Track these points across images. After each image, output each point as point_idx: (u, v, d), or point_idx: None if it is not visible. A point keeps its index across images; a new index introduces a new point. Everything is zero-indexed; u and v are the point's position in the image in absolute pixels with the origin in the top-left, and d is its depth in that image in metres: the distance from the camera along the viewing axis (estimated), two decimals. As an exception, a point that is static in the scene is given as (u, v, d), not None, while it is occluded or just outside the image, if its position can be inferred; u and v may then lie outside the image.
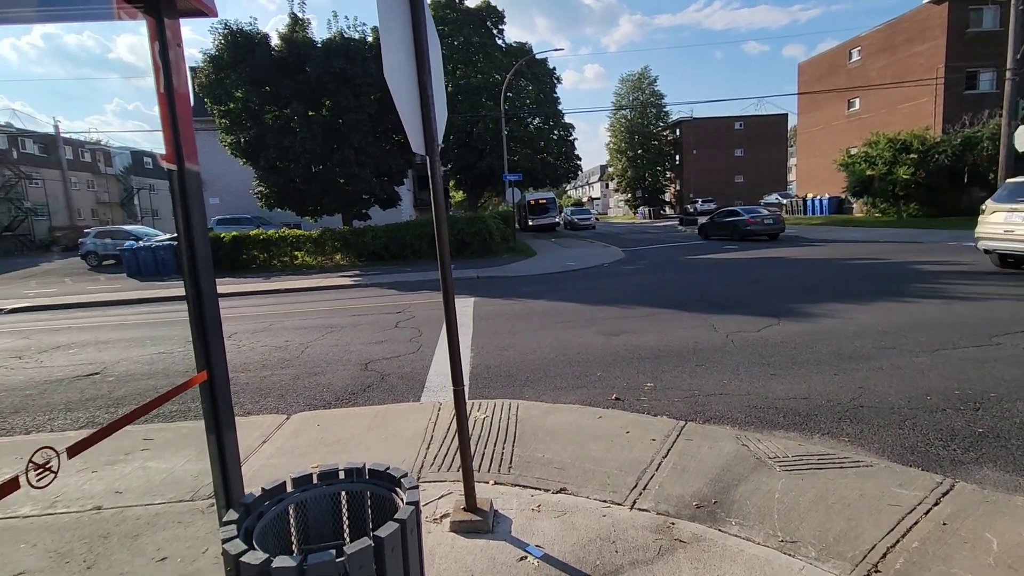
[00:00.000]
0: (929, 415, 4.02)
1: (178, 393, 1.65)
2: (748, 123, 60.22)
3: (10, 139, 40.39)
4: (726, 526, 2.73)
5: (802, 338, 6.29)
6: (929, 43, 29.58)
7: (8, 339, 9.10)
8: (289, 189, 19.11)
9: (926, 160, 25.56)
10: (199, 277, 1.71)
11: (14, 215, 38.20)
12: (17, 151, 40.44)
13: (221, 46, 17.76)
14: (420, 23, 2.51)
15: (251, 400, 5.24)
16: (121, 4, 1.74)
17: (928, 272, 10.77)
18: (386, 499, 1.91)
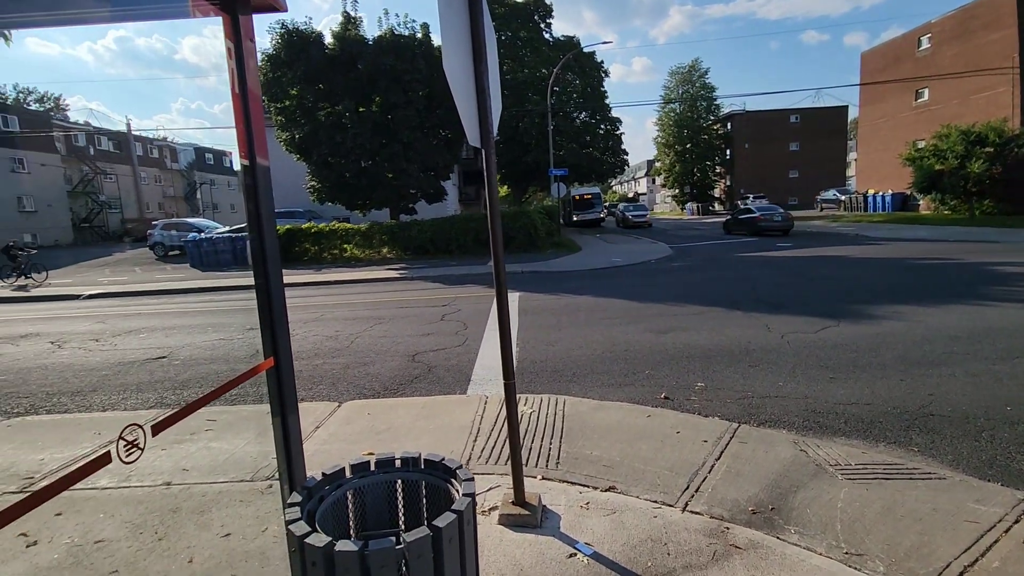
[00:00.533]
0: (1009, 427, 3.74)
1: (249, 377, 1.72)
2: (804, 116, 57.55)
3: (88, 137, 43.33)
4: (785, 534, 2.63)
5: (864, 341, 5.98)
6: (1007, 29, 27.40)
7: (86, 323, 9.77)
8: (340, 183, 19.65)
9: (1003, 153, 23.77)
10: (268, 268, 1.77)
11: (91, 208, 41.02)
12: (94, 148, 43.33)
13: (278, 45, 18.40)
14: (478, 19, 2.51)
15: (304, 387, 5.43)
16: (197, 2, 1.81)
17: (1006, 274, 10.03)
18: (441, 489, 1.94)
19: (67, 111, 48.22)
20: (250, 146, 1.75)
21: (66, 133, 41.28)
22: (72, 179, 40.47)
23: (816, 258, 14.29)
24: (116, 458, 1.18)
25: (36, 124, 38.23)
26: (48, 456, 3.85)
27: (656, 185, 78.91)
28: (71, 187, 39.87)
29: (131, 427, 1.23)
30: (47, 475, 3.56)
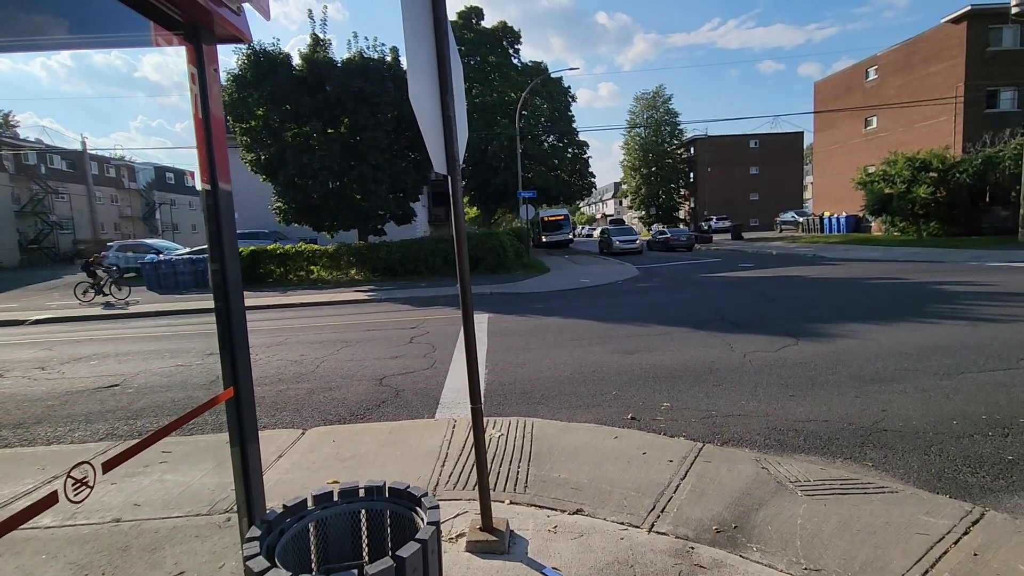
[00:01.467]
0: (956, 441, 3.92)
1: (208, 408, 1.68)
2: (763, 141, 60.03)
3: (39, 155, 41.68)
4: (747, 552, 2.67)
5: (821, 359, 6.19)
6: (948, 62, 29.41)
7: (31, 350, 9.28)
8: (307, 205, 19.41)
9: (946, 179, 25.28)
10: (228, 293, 1.74)
11: (40, 228, 39.24)
12: (45, 166, 41.67)
13: (244, 66, 18.24)
14: (444, 50, 2.57)
15: (267, 414, 5.27)
16: (160, 31, 1.81)
17: (951, 292, 10.58)
18: (406, 518, 1.91)
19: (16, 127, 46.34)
20: (212, 170, 1.73)
21: (15, 151, 39.66)
22: (20, 199, 38.75)
23: (776, 278, 14.78)
24: (64, 498, 1.14)
25: (-17, 142, 36.59)
26: (-14, 493, 3.62)
27: (623, 207, 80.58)
28: (19, 207, 38.15)
29: (81, 465, 1.18)
30: (-15, 514, 3.35)
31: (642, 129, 59.91)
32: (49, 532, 3.05)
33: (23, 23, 1.90)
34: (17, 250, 37.04)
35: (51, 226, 39.78)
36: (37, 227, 39.03)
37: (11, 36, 1.85)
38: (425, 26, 2.56)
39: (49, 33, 1.95)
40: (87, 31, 2.01)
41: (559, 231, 38.14)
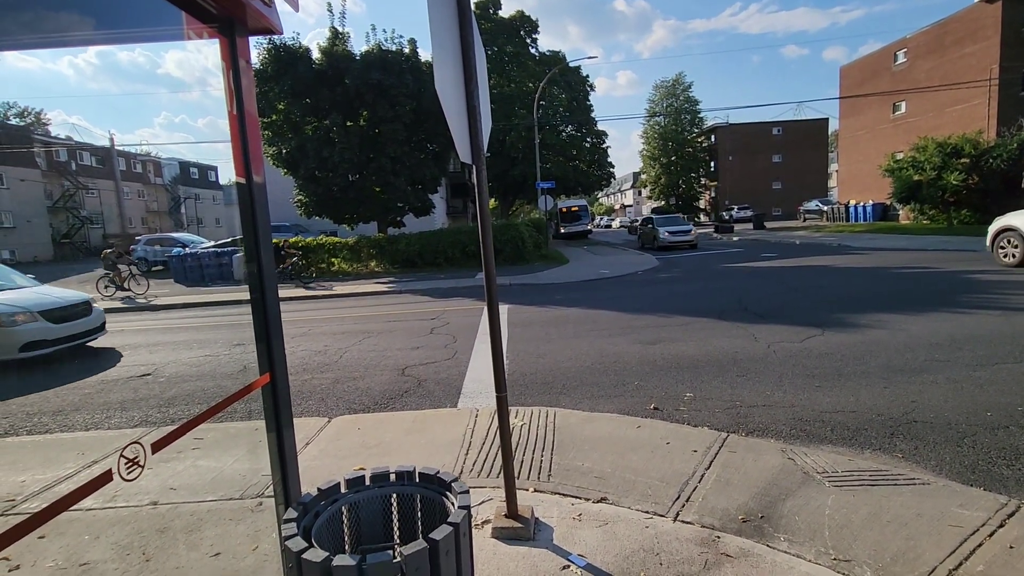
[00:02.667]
0: (990, 432, 3.83)
1: (246, 394, 1.73)
2: (787, 128, 58.78)
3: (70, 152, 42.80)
4: (775, 542, 2.66)
5: (848, 349, 6.08)
6: (981, 43, 28.34)
7: (67, 340, 9.57)
8: (327, 198, 19.64)
9: (979, 165, 24.44)
10: (264, 283, 1.79)
11: (71, 224, 40.39)
12: (75, 163, 42.79)
13: (265, 60, 18.44)
14: (469, 39, 2.57)
15: (293, 402, 5.37)
16: (192, 24, 1.84)
17: (984, 282, 10.27)
18: (436, 503, 1.95)
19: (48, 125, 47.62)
20: (247, 164, 1.77)
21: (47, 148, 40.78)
22: (53, 194, 39.84)
23: (800, 268, 14.52)
24: (117, 476, 1.19)
25: (16, 139, 37.71)
26: (29, 478, 3.77)
27: (642, 197, 79.73)
28: (52, 203, 39.25)
29: (132, 445, 1.23)
30: (29, 497, 3.49)
31: (661, 118, 59.09)
32: (91, 514, 3.17)
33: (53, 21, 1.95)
34: (51, 245, 38.19)
35: (82, 221, 40.91)
36: (69, 222, 40.17)
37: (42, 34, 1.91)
38: (450, 15, 2.56)
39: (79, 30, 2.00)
40: (119, 26, 2.05)
41: (577, 222, 37.81)
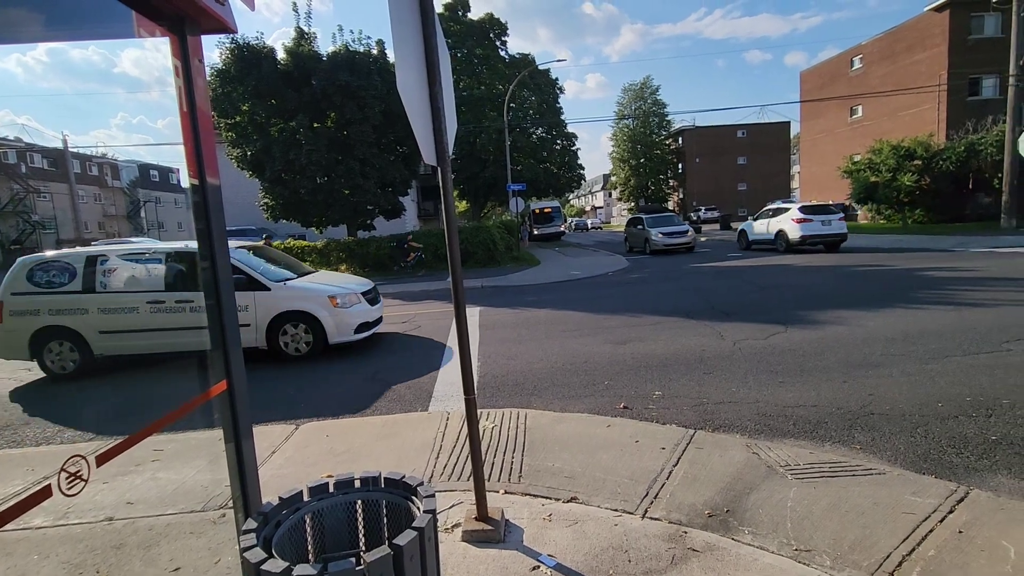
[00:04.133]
0: (941, 422, 4.00)
1: (200, 402, 1.67)
2: (751, 131, 60.38)
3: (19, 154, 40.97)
4: (739, 535, 2.72)
5: (810, 345, 6.27)
6: (931, 50, 29.68)
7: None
8: (294, 200, 19.26)
9: (930, 167, 25.55)
10: (219, 288, 1.74)
11: (22, 229, 38.71)
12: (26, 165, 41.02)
13: (228, 60, 17.99)
14: (432, 39, 2.56)
15: (258, 411, 5.25)
16: (143, 22, 1.78)
17: (936, 278, 10.74)
18: (402, 508, 1.92)
19: (-5, 126, 45.45)
20: (199, 165, 1.72)
21: (-5, 150, 38.94)
22: (1, 199, 38.16)
23: (765, 267, 14.91)
24: (57, 491, 1.13)
25: (-39, 140, 35.93)
26: (-25, 496, 3.58)
27: (612, 198, 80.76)
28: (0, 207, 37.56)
29: (74, 458, 1.18)
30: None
31: (630, 120, 60.02)
32: (41, 532, 3.03)
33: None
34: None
35: (33, 226, 39.22)
36: (19, 227, 38.46)
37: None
38: (413, 17, 2.55)
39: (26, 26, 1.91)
40: (66, 23, 1.97)
41: (550, 223, 37.96)
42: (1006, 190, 20.52)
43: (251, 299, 7.11)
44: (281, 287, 7.37)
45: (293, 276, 7.95)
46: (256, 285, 7.20)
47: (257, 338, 7.18)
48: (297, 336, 7.27)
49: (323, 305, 7.27)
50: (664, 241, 21.34)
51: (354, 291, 7.72)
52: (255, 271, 7.34)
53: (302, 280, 7.89)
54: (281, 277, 7.68)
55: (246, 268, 7.27)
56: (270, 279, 7.39)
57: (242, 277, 7.16)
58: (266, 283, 7.26)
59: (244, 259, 7.47)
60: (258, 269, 7.44)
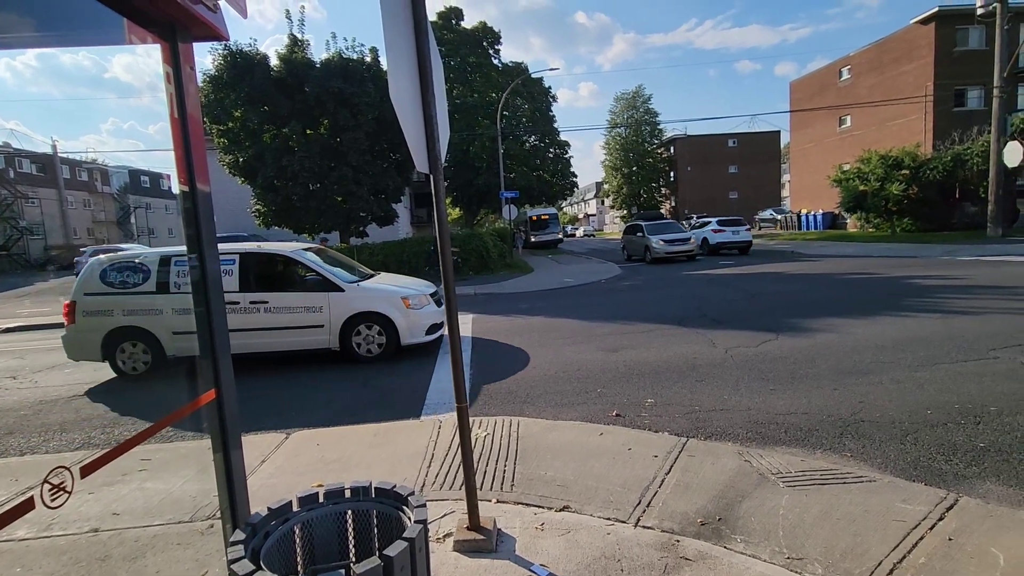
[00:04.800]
0: (930, 429, 4.03)
1: (188, 412, 1.65)
2: (742, 140, 60.94)
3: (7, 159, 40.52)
4: (731, 543, 2.72)
5: (801, 353, 6.31)
6: (917, 62, 30.18)
7: (2, 359, 9.02)
8: (287, 207, 19.17)
9: (918, 176, 25.90)
10: (209, 295, 1.72)
11: (9, 235, 38.14)
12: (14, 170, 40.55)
13: (221, 66, 17.95)
14: (424, 47, 2.57)
15: (249, 419, 5.20)
16: (134, 29, 1.78)
17: (924, 286, 10.86)
18: (393, 518, 1.91)
19: (-17, 131, 45.00)
20: (190, 171, 1.71)
21: (-18, 155, 38.49)
22: (-11, 204, 37.61)
23: (756, 275, 15.01)
24: (40, 503, 1.11)
25: (-52, 145, 35.47)
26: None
27: (605, 206, 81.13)
28: (-13, 212, 37.03)
29: (57, 469, 1.16)
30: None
31: (623, 129, 60.39)
32: (24, 544, 2.97)
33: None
34: (-15, 257, 35.94)
35: (21, 231, 38.67)
36: (6, 233, 37.90)
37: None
38: (405, 25, 2.56)
39: (17, 31, 1.90)
40: (58, 29, 1.97)
41: (547, 230, 37.82)
42: (992, 199, 20.83)
43: (325, 300, 7.16)
44: (355, 288, 7.41)
45: (359, 278, 7.99)
46: (330, 286, 7.24)
47: (331, 339, 7.21)
48: (370, 337, 7.29)
49: (396, 306, 7.31)
50: (666, 249, 20.67)
51: (424, 292, 7.80)
52: (329, 272, 7.40)
53: (371, 281, 7.96)
54: (351, 279, 7.73)
55: (320, 269, 7.36)
56: (343, 280, 7.43)
57: (317, 278, 7.26)
58: (340, 284, 7.29)
59: (315, 261, 7.51)
60: (329, 270, 7.48)
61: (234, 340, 6.92)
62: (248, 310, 6.95)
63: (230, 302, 6.77)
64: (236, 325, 6.83)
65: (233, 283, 6.99)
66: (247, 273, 7.11)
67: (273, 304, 7.07)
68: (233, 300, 6.85)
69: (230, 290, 6.91)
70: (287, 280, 7.64)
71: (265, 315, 7.01)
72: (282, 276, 7.69)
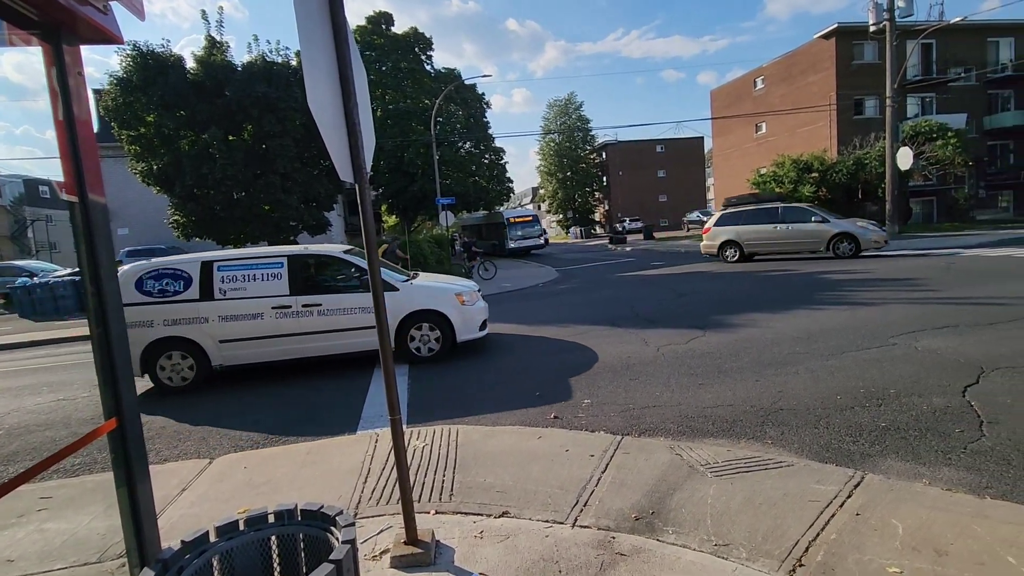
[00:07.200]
0: (840, 413, 4.35)
1: (83, 445, 1.52)
2: (669, 146, 63.72)
3: None
4: (664, 535, 2.81)
5: (726, 348, 6.65)
6: (821, 73, 32.77)
7: None
8: (208, 217, 18.15)
9: (826, 179, 28.04)
10: (107, 316, 1.59)
11: None
12: None
13: (129, 68, 16.76)
14: (345, 54, 2.51)
15: (168, 445, 4.86)
16: (13, 30, 1.62)
17: (833, 280, 11.74)
18: (321, 540, 1.84)
19: None
20: (80, 180, 1.58)
21: None
22: None
23: (685, 275, 15.70)
24: None
25: None
26: None
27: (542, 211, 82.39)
28: None
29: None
30: None
31: (556, 135, 61.62)
32: None
33: None
34: None
35: None
36: None
37: None
38: (323, 28, 2.49)
39: None
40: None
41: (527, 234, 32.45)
42: (888, 199, 22.88)
43: None
44: (408, 287, 7.29)
45: (406, 277, 7.79)
46: (385, 286, 6.91)
47: None
48: (426, 336, 7.24)
49: (452, 303, 7.29)
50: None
51: (473, 289, 7.79)
52: (382, 272, 7.03)
53: (421, 280, 7.85)
54: (402, 278, 7.59)
55: None
56: (396, 279, 7.27)
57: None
58: (395, 283, 7.13)
59: (361, 261, 7.28)
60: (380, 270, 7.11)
61: (288, 345, 6.82)
62: (301, 314, 6.75)
63: (282, 306, 6.67)
64: (290, 330, 6.72)
65: (283, 286, 6.76)
66: (296, 276, 6.87)
67: (327, 306, 6.88)
68: (285, 304, 6.69)
69: (281, 294, 6.72)
70: (337, 282, 7.36)
71: (319, 318, 6.82)
72: (332, 278, 7.42)
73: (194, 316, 6.57)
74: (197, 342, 6.57)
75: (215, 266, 6.69)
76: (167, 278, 6.60)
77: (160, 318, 6.50)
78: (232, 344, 6.67)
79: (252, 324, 6.66)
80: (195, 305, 6.58)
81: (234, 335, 6.65)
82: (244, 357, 6.77)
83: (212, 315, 6.59)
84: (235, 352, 6.72)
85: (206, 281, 6.64)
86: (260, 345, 6.73)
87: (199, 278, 6.63)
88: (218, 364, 6.71)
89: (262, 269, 6.78)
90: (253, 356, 6.78)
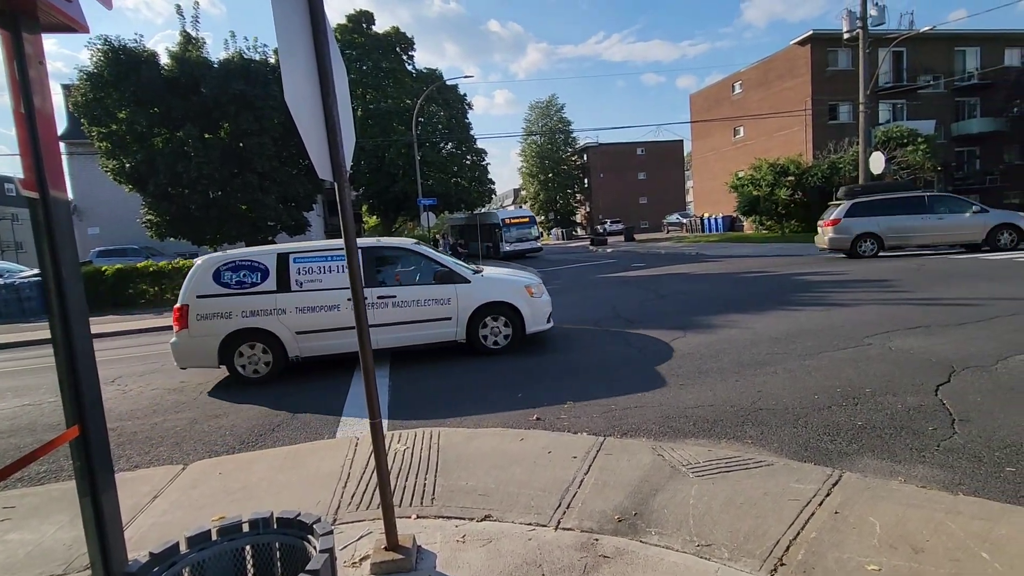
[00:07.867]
0: (818, 413, 4.41)
1: (43, 454, 1.44)
2: (649, 149, 64.37)
3: None
4: (647, 537, 2.80)
5: (706, 348, 6.71)
6: (797, 79, 33.44)
7: None
8: (183, 216, 17.77)
9: (802, 182, 28.64)
10: (69, 318, 1.52)
11: None
12: None
13: (100, 63, 16.33)
14: (324, 48, 2.45)
15: (140, 451, 4.72)
16: (-33, 15, 1.54)
17: (810, 282, 11.96)
18: (298, 549, 1.78)
19: None
20: (40, 177, 1.50)
21: None
22: None
23: (666, 276, 15.84)
24: None
25: None
26: None
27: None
28: None
29: None
30: None
31: (538, 137, 61.82)
32: None
33: None
34: None
35: None
36: None
37: None
38: (302, 22, 2.43)
39: None
40: None
41: (524, 236, 30.32)
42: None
43: (453, 292, 7.03)
44: (480, 279, 7.36)
45: (474, 269, 7.77)
46: (457, 278, 7.11)
47: (458, 332, 7.10)
48: (496, 329, 7.29)
49: (522, 295, 7.33)
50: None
51: (539, 281, 7.83)
52: (453, 264, 7.26)
53: (489, 272, 7.85)
54: (472, 269, 7.66)
55: (444, 261, 7.25)
56: (467, 272, 7.28)
57: (443, 270, 7.09)
58: (466, 276, 7.23)
59: (437, 253, 7.52)
60: (453, 262, 7.34)
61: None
62: (376, 305, 6.73)
63: None
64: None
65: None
66: (370, 268, 6.86)
67: (401, 298, 6.87)
68: None
69: None
70: (410, 273, 7.33)
71: (393, 310, 6.83)
72: (404, 270, 7.41)
73: (272, 307, 6.56)
74: (275, 333, 6.57)
75: (291, 258, 6.71)
76: (244, 270, 6.60)
77: (239, 309, 6.49)
78: (309, 336, 6.68)
79: (329, 315, 6.66)
80: (273, 296, 6.58)
81: (311, 327, 6.65)
82: (319, 348, 6.77)
83: (289, 306, 6.60)
84: (311, 343, 6.72)
85: (282, 273, 6.64)
86: (336, 337, 6.71)
87: (275, 270, 6.63)
88: (295, 356, 6.71)
89: (338, 261, 6.78)
90: (328, 348, 6.78)
